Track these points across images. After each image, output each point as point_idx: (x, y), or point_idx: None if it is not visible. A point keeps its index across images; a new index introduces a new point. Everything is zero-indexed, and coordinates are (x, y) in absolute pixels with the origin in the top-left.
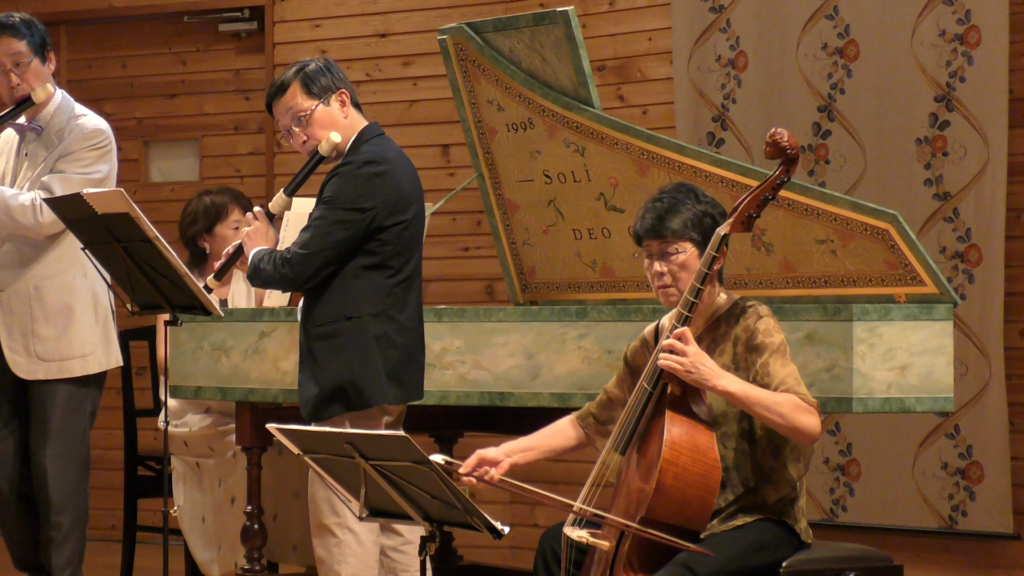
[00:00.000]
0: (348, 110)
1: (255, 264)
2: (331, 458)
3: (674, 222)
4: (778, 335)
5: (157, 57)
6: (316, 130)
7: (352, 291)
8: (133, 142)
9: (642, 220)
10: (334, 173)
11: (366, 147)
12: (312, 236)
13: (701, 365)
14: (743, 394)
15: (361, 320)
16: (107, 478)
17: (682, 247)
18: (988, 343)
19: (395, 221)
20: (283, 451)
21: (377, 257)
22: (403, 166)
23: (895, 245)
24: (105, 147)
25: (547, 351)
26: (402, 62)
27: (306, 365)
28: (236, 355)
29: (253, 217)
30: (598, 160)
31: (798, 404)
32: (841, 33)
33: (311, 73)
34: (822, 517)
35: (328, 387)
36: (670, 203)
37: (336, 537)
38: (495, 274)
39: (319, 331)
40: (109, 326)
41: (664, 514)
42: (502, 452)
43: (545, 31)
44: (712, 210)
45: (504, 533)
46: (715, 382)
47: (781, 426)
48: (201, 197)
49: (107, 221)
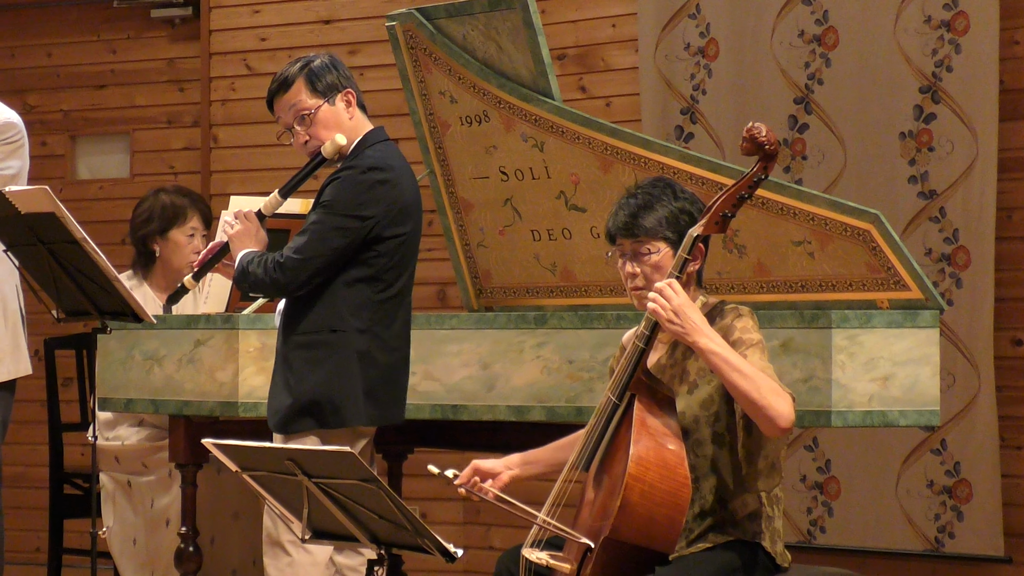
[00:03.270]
0: (353, 111)
1: (243, 266)
2: (272, 475)
3: (648, 220)
4: (756, 334)
5: (85, 45)
6: (319, 130)
7: (340, 302)
8: (59, 136)
9: (615, 217)
10: (335, 177)
11: (370, 152)
12: (308, 241)
13: (685, 315)
14: (723, 354)
15: (346, 334)
16: (30, 497)
17: (655, 247)
18: (977, 352)
19: (393, 233)
20: (221, 469)
21: (370, 269)
22: (406, 176)
23: (877, 247)
24: (17, 141)
25: (503, 361)
26: (348, 50)
27: (280, 373)
28: (169, 365)
29: (244, 217)
30: (558, 156)
31: (775, 388)
32: (819, 19)
33: (316, 69)
34: (799, 539)
35: (302, 400)
36: (645, 199)
37: (289, 556)
38: (447, 278)
39: (300, 340)
40: (19, 332)
41: (629, 534)
42: (502, 464)
43: (501, 17)
44: (690, 207)
45: (457, 556)
46: (695, 337)
47: (754, 401)
48: (158, 195)
49: (31, 221)
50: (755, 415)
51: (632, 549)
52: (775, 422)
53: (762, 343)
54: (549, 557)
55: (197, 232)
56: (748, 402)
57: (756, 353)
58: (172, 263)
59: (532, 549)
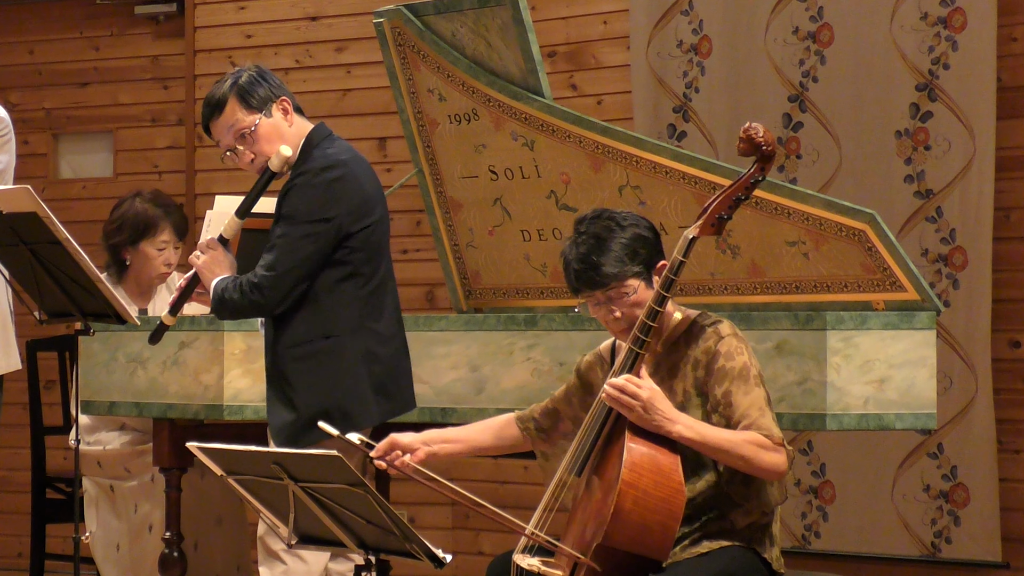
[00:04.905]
0: (292, 118)
1: (219, 295)
2: (257, 480)
3: (608, 264)
4: (740, 357)
5: (67, 42)
6: (263, 145)
7: (326, 307)
8: (41, 135)
9: (570, 271)
10: (290, 186)
11: (317, 152)
12: (278, 255)
13: (656, 410)
14: (701, 440)
15: (340, 339)
16: (13, 502)
17: (628, 287)
18: (974, 354)
19: (362, 226)
20: (205, 474)
21: (348, 267)
22: (361, 167)
23: (873, 247)
24: (4, 135)
25: (493, 363)
26: (335, 47)
27: (278, 389)
28: (153, 367)
29: (206, 246)
30: (549, 154)
31: (761, 443)
32: (814, 16)
33: (246, 85)
34: (793, 544)
35: (308, 412)
36: (593, 242)
37: (284, 564)
38: (436, 279)
39: (294, 352)
40: (7, 328)
41: (622, 541)
42: (420, 440)
43: (491, 14)
44: (639, 230)
45: (446, 562)
46: (670, 428)
47: (744, 468)
48: (134, 201)
49: (12, 221)
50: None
51: (625, 556)
52: (772, 477)
53: (746, 367)
54: (540, 563)
55: (168, 245)
56: (740, 469)
57: (741, 387)
58: (143, 273)
59: (523, 555)
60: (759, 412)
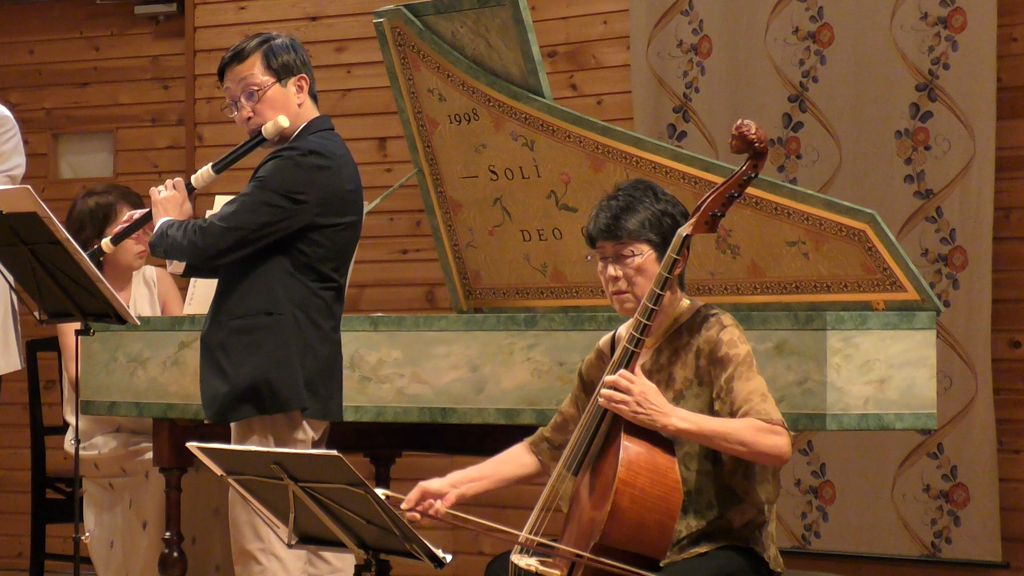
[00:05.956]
0: (304, 98)
1: (162, 230)
2: (257, 480)
3: (630, 222)
4: (743, 346)
5: (67, 42)
6: (265, 108)
7: (277, 287)
8: (41, 135)
9: (595, 220)
10: (275, 155)
11: (314, 138)
12: (236, 211)
13: (649, 405)
14: (698, 430)
15: (283, 317)
16: (13, 501)
17: (638, 249)
18: (974, 354)
19: (331, 223)
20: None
21: (306, 258)
22: (348, 166)
23: (872, 247)
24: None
25: (493, 363)
26: (334, 47)
27: (214, 360)
28: (153, 367)
29: (172, 186)
30: (549, 154)
31: (760, 427)
32: (814, 16)
33: (276, 47)
34: (793, 544)
35: (240, 386)
36: (626, 201)
37: (260, 564)
38: (436, 279)
39: (235, 324)
40: (9, 327)
41: (620, 540)
42: (447, 483)
43: (491, 14)
44: (672, 209)
45: (446, 562)
46: (665, 421)
47: (746, 454)
48: (85, 199)
49: (12, 221)
50: (755, 461)
51: (622, 555)
52: (775, 461)
53: (749, 355)
54: (539, 564)
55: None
56: (742, 456)
57: (743, 374)
58: (120, 261)
59: (521, 555)
60: (760, 398)
